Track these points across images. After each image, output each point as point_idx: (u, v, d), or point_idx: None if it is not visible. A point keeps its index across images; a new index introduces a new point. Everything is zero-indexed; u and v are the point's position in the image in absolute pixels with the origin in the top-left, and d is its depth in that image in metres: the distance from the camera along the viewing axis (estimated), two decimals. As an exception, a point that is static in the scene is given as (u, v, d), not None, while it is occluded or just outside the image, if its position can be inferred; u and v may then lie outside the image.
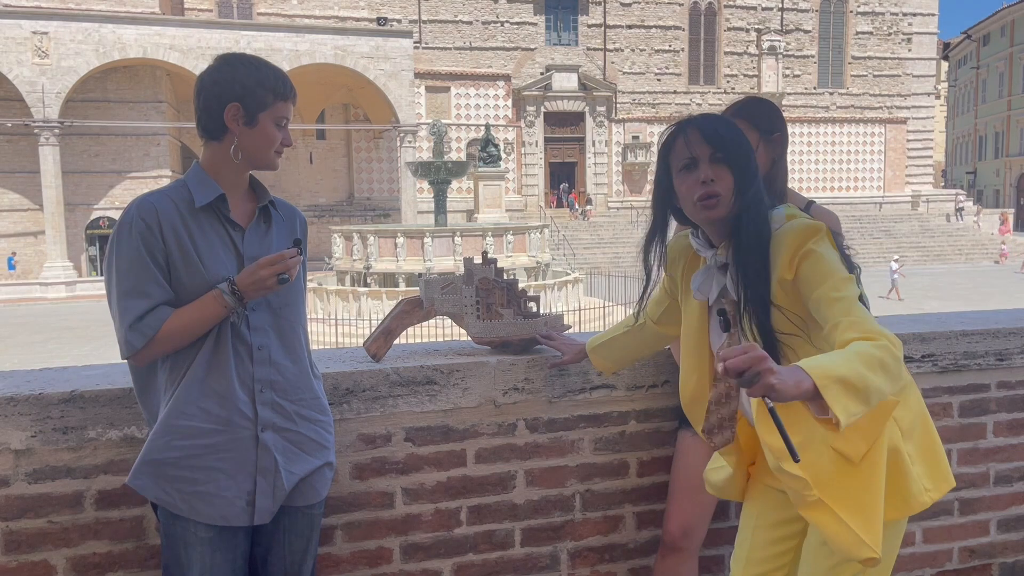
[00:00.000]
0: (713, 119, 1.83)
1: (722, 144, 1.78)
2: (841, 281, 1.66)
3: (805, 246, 1.71)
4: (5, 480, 2.06)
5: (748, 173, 1.78)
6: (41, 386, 2.13)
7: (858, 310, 1.62)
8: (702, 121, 1.82)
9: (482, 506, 2.44)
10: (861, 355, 1.50)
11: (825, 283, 1.67)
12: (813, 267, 1.70)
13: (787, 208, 1.83)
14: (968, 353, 2.82)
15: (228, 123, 1.88)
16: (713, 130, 1.79)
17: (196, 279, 1.84)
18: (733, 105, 2.42)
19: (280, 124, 1.93)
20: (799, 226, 1.74)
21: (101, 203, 31.66)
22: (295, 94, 1.95)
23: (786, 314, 1.74)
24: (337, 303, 18.01)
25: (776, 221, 1.78)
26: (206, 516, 1.86)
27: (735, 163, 1.78)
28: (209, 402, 1.86)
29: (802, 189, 39.06)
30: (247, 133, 1.89)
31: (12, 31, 28.16)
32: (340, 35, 32.23)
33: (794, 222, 1.76)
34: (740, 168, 1.77)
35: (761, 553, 2.00)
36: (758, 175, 1.80)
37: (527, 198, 39.50)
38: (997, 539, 2.96)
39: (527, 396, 2.43)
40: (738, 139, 1.80)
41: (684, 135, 1.82)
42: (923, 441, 1.88)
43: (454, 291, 2.45)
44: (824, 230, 1.75)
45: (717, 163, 1.78)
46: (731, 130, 1.81)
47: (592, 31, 41.03)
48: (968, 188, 56.83)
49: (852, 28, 43.56)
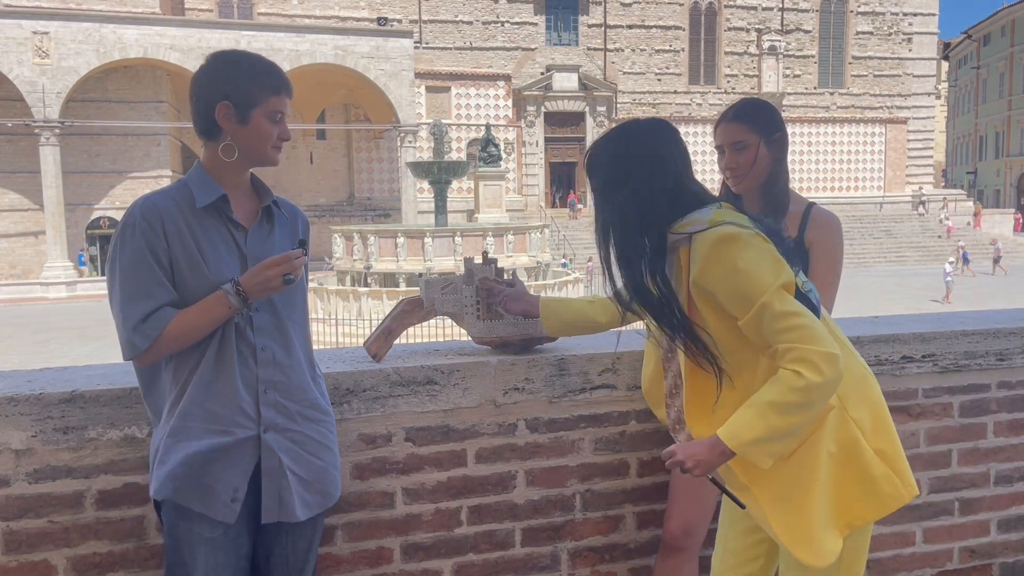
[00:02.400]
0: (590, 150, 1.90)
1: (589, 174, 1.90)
2: (773, 296, 1.68)
3: (719, 258, 1.71)
4: (6, 480, 2.06)
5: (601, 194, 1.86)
6: (42, 386, 2.13)
7: (785, 331, 1.67)
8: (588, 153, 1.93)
9: (482, 506, 2.44)
10: (773, 405, 1.66)
11: (746, 300, 1.70)
12: (733, 280, 1.71)
13: (716, 211, 1.79)
14: (968, 353, 2.82)
15: (220, 122, 1.86)
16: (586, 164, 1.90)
17: (200, 280, 1.84)
18: (731, 108, 2.42)
19: (275, 119, 1.90)
20: (713, 236, 1.72)
21: (101, 203, 31.69)
22: (289, 87, 1.91)
23: (702, 312, 1.80)
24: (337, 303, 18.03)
25: (697, 224, 1.76)
26: (194, 505, 1.86)
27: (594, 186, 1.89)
28: (214, 403, 1.86)
29: (802, 189, 39.06)
30: (241, 131, 1.87)
31: (12, 31, 28.18)
32: (340, 35, 32.25)
33: (710, 231, 1.73)
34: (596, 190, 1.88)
35: (736, 544, 2.07)
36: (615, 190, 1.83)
37: (527, 198, 39.52)
38: (998, 539, 2.96)
39: (527, 396, 2.43)
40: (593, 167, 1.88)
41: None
42: (892, 438, 1.89)
43: (454, 291, 2.45)
44: (741, 239, 1.71)
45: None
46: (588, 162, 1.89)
47: (592, 31, 41.05)
48: (968, 188, 56.80)
49: (852, 28, 43.57)
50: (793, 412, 1.66)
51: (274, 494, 1.91)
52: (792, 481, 1.79)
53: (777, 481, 1.79)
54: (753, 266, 1.70)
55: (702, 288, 1.76)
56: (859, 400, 1.84)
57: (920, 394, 2.79)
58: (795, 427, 1.69)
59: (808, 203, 2.47)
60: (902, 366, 2.74)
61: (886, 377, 2.73)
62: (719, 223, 1.74)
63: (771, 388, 1.68)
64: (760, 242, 1.74)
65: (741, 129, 2.36)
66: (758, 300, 1.69)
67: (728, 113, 2.40)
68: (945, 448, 2.85)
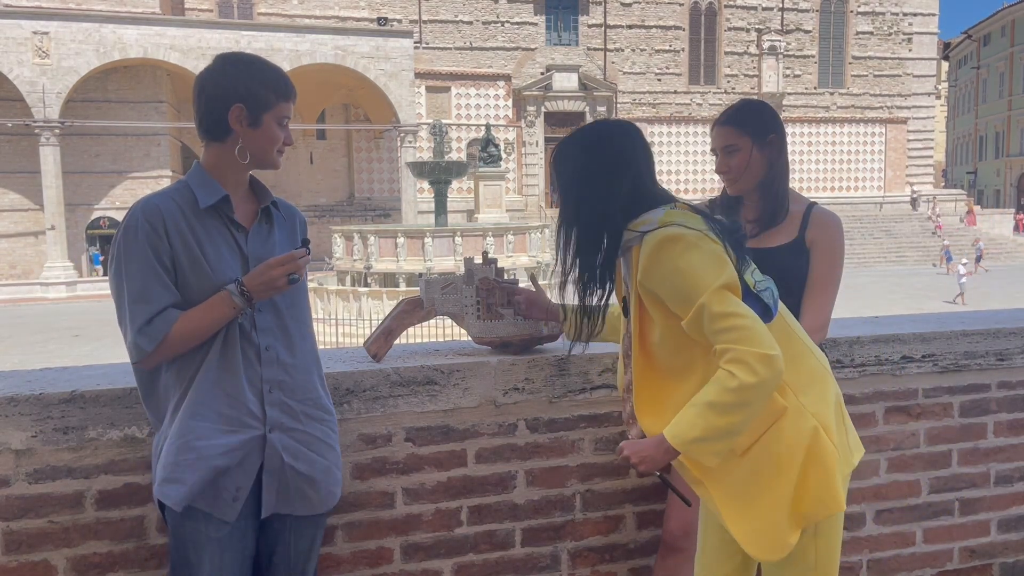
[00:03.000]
0: (557, 147, 1.98)
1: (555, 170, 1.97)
2: (711, 297, 1.72)
3: (661, 259, 1.76)
4: (6, 480, 2.06)
5: (563, 193, 1.93)
6: (42, 386, 2.13)
7: (723, 331, 1.71)
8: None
9: (482, 506, 2.44)
10: (711, 405, 1.71)
11: (686, 300, 1.74)
12: (674, 281, 1.75)
13: (668, 211, 1.83)
14: (969, 353, 2.82)
15: (232, 124, 1.87)
16: (552, 161, 1.98)
17: (203, 281, 1.84)
18: (724, 112, 2.42)
19: (282, 123, 1.93)
20: (656, 238, 1.77)
21: (102, 203, 31.67)
22: (295, 93, 1.95)
23: (651, 311, 1.85)
24: (337, 303, 18.03)
25: (648, 224, 1.81)
26: (203, 505, 1.85)
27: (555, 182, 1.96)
28: (219, 404, 1.86)
29: (803, 189, 39.03)
30: (251, 134, 1.89)
31: (13, 31, 28.16)
32: (340, 35, 32.24)
33: (657, 231, 1.78)
34: (561, 186, 1.94)
35: (713, 541, 2.08)
36: (572, 187, 1.90)
37: (527, 198, 39.49)
38: (998, 539, 2.96)
39: (527, 396, 2.43)
40: (554, 161, 1.96)
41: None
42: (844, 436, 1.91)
43: (454, 291, 2.45)
44: (684, 239, 1.75)
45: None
46: (554, 153, 1.97)
47: (592, 31, 41.03)
48: (969, 188, 56.76)
49: (852, 28, 43.55)
50: (730, 412, 1.70)
51: (273, 490, 1.92)
52: (746, 477, 1.81)
53: (731, 477, 1.82)
54: (693, 267, 1.74)
55: (647, 288, 1.82)
56: (819, 398, 1.85)
57: (920, 394, 2.79)
58: (735, 426, 1.73)
59: (809, 203, 2.47)
60: (902, 366, 2.74)
61: (886, 377, 2.73)
62: (668, 223, 1.78)
63: (709, 388, 1.73)
64: (705, 243, 1.77)
65: (732, 133, 2.36)
66: (697, 300, 1.73)
67: (721, 117, 2.41)
68: (945, 448, 2.85)
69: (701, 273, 1.73)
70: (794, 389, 1.82)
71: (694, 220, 1.80)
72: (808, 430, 1.80)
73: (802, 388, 1.83)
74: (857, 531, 2.79)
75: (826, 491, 1.79)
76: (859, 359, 2.68)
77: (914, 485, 2.83)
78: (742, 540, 1.81)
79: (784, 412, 1.80)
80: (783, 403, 1.80)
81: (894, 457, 2.78)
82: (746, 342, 1.69)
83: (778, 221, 2.40)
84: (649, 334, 1.89)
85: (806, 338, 1.95)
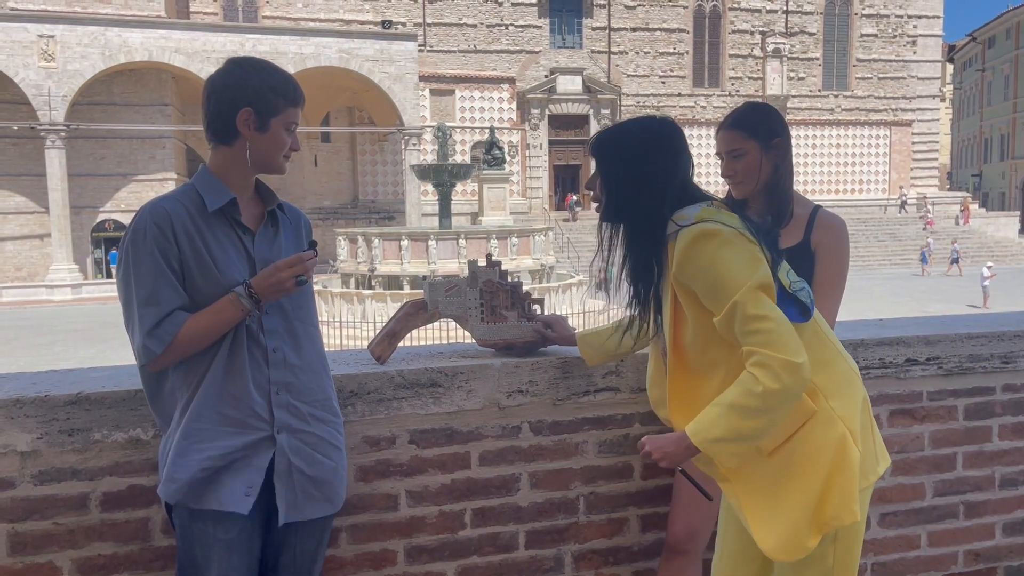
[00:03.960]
0: (603, 135, 1.96)
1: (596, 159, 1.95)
2: (744, 296, 1.70)
3: (695, 254, 1.75)
4: (11, 482, 2.07)
5: (608, 182, 1.90)
6: (47, 388, 2.13)
7: (752, 333, 1.70)
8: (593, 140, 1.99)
9: (486, 508, 2.44)
10: (734, 407, 1.71)
11: (720, 297, 1.74)
12: (707, 276, 1.74)
13: (704, 208, 1.82)
14: (973, 356, 2.81)
15: (240, 128, 1.88)
16: (592, 148, 1.97)
17: (210, 283, 1.85)
18: (730, 115, 2.42)
19: (289, 129, 1.94)
20: (693, 233, 1.76)
21: (107, 206, 31.75)
22: (304, 99, 1.96)
23: (685, 307, 1.84)
24: (341, 305, 18.04)
25: (685, 219, 1.80)
26: (206, 502, 1.86)
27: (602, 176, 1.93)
28: (226, 406, 1.87)
29: (807, 192, 39.01)
30: (258, 138, 1.90)
31: (18, 34, 28.26)
32: (345, 38, 32.28)
33: (693, 227, 1.77)
34: (603, 178, 1.92)
35: (734, 546, 2.07)
36: (625, 182, 1.88)
37: (531, 201, 39.50)
38: (1003, 542, 2.95)
39: (531, 399, 2.43)
40: (600, 155, 1.93)
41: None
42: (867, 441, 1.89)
43: (458, 293, 2.45)
44: (720, 236, 1.74)
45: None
46: (599, 148, 1.94)
47: (596, 34, 41.06)
48: (974, 191, 56.64)
49: (857, 31, 43.52)
50: (753, 416, 1.70)
51: (283, 496, 1.92)
52: (772, 477, 1.81)
53: (757, 476, 1.82)
54: (728, 264, 1.73)
55: (681, 283, 1.81)
56: (848, 402, 1.85)
57: (924, 397, 2.78)
58: (756, 431, 1.73)
59: (814, 206, 2.47)
60: (906, 369, 2.74)
61: (890, 380, 2.73)
62: (704, 220, 1.78)
63: (733, 390, 1.73)
64: (741, 241, 1.76)
65: (738, 137, 2.36)
66: (731, 298, 1.72)
67: (726, 120, 2.41)
68: (950, 451, 2.84)
69: (736, 270, 1.72)
70: (825, 393, 1.81)
71: (731, 218, 1.80)
72: (836, 435, 1.79)
73: (833, 392, 1.82)
74: (861, 534, 2.78)
75: (847, 499, 1.78)
76: (863, 362, 2.68)
77: (919, 488, 2.83)
78: (759, 536, 1.80)
79: (814, 415, 1.79)
80: (812, 406, 1.79)
81: (898, 460, 2.78)
82: (773, 347, 1.68)
83: (783, 224, 2.40)
84: (682, 332, 1.89)
85: (837, 342, 1.94)
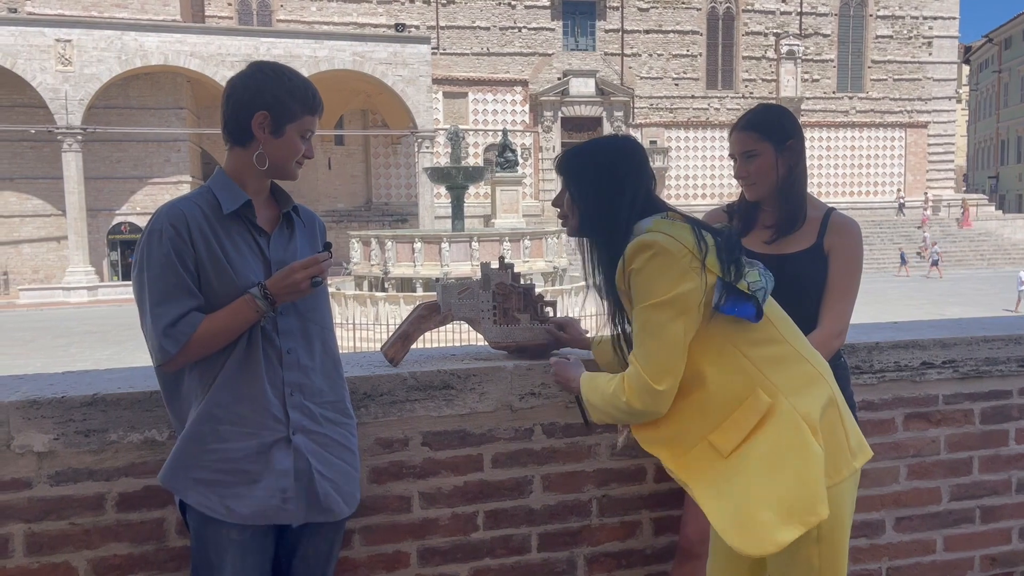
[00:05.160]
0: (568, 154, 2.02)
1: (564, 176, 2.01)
2: (645, 309, 1.80)
3: (632, 264, 1.81)
4: (28, 482, 2.09)
5: (579, 197, 1.96)
6: (63, 389, 2.15)
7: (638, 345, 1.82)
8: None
9: (499, 511, 2.45)
10: (608, 396, 1.89)
11: (635, 307, 1.84)
12: (634, 286, 1.83)
13: (656, 220, 1.88)
14: (990, 359, 2.79)
15: (255, 130, 1.89)
16: (560, 165, 2.01)
17: (226, 284, 1.86)
18: (743, 116, 2.41)
19: (304, 136, 1.95)
20: (634, 243, 1.82)
21: (123, 208, 32.00)
22: (323, 108, 1.97)
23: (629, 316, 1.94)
24: (355, 308, 18.10)
25: (638, 230, 1.87)
26: (242, 517, 1.87)
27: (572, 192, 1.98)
28: (241, 407, 1.88)
29: (821, 194, 38.80)
30: (272, 142, 1.91)
31: (36, 39, 28.54)
32: (359, 41, 32.42)
33: (636, 239, 1.83)
34: (573, 194, 1.98)
35: (724, 547, 2.05)
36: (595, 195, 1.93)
37: (544, 203, 39.48)
38: (1019, 547, 2.93)
39: (544, 401, 2.44)
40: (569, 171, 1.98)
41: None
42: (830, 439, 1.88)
43: (471, 296, 2.46)
44: (655, 247, 1.78)
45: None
46: (568, 164, 1.98)
47: (609, 36, 41.02)
48: (990, 193, 56.17)
49: (872, 32, 43.28)
50: (618, 413, 1.89)
51: (302, 498, 1.92)
52: (729, 476, 1.82)
53: (712, 477, 1.83)
54: (650, 274, 1.79)
55: (624, 291, 1.88)
56: (810, 400, 1.84)
57: (940, 400, 2.76)
58: (621, 421, 1.94)
59: (828, 208, 2.45)
60: (922, 372, 2.72)
61: (906, 383, 2.71)
62: (653, 231, 1.83)
63: (615, 383, 1.87)
64: (675, 255, 1.78)
65: (752, 138, 2.36)
66: (639, 305, 1.80)
67: (740, 122, 2.40)
68: (966, 455, 2.82)
69: (654, 282, 1.78)
70: (784, 391, 1.82)
71: (681, 229, 1.83)
72: (796, 432, 1.79)
73: (792, 390, 1.83)
74: (876, 538, 2.77)
75: (812, 494, 1.77)
76: (878, 365, 2.66)
77: (934, 492, 2.81)
78: (723, 533, 1.80)
79: (771, 413, 1.80)
80: (769, 401, 1.80)
81: (914, 464, 2.76)
82: (644, 366, 1.79)
83: (796, 227, 2.39)
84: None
85: (802, 345, 1.94)
